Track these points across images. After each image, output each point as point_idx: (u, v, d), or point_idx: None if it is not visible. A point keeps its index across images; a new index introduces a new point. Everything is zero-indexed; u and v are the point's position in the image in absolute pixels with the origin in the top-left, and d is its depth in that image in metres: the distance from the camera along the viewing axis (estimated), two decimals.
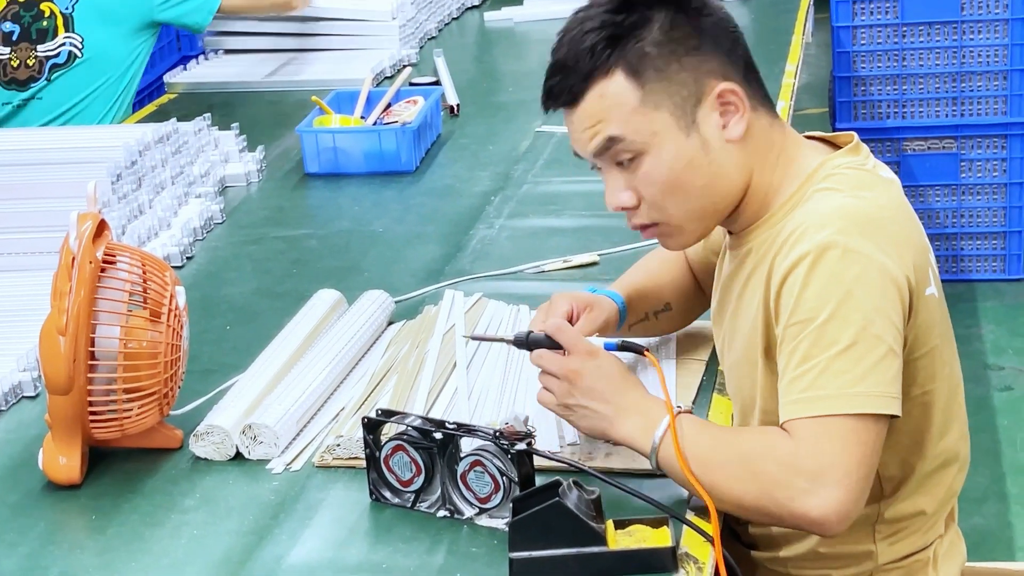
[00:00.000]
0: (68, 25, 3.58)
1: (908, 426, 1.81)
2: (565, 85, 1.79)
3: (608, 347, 1.88)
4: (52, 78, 3.59)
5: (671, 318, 2.13)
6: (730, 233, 1.91)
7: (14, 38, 3.60)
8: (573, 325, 1.93)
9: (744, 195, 1.83)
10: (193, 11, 3.66)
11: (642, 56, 1.76)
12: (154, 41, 3.75)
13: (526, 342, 1.89)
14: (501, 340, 1.98)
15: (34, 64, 3.58)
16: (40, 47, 3.58)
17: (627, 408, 1.77)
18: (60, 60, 3.59)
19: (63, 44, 3.58)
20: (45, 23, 3.59)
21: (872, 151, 1.90)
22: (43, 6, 3.60)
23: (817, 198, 1.78)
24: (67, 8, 3.62)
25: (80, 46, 3.58)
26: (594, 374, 1.80)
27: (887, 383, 1.68)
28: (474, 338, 2.09)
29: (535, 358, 1.85)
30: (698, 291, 2.12)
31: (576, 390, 1.79)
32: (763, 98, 1.85)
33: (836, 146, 1.88)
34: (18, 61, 3.58)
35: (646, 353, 1.86)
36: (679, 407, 1.77)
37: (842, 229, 1.71)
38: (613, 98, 1.77)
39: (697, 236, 1.87)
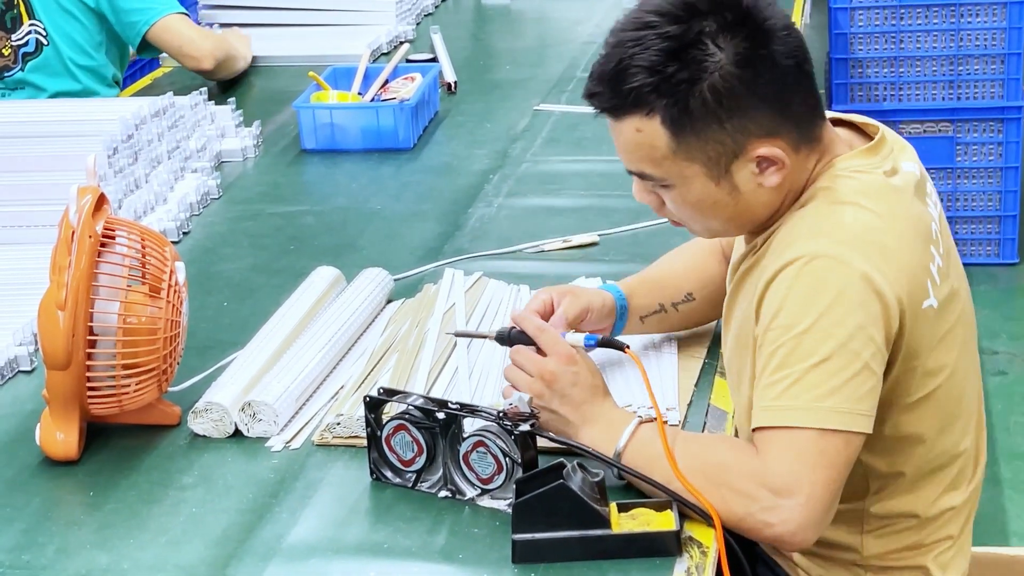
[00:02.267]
0: (31, 12, 3.54)
1: (903, 431, 1.79)
2: (606, 101, 1.74)
3: (589, 341, 1.84)
4: (26, 67, 3.56)
5: (696, 309, 2.08)
6: None
7: None
8: (552, 314, 1.92)
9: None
10: (128, 26, 3.56)
11: (684, 112, 1.69)
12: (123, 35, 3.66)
13: (508, 339, 1.87)
14: (484, 337, 1.96)
15: (9, 53, 3.54)
16: (13, 36, 3.54)
17: (593, 418, 1.77)
18: (30, 48, 3.55)
19: (30, 32, 3.54)
20: (15, 11, 3.54)
21: None
22: None
23: (818, 200, 1.75)
24: None
25: (44, 33, 3.53)
26: (569, 380, 1.78)
27: (857, 399, 1.66)
28: (458, 335, 2.06)
29: (513, 352, 1.83)
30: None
31: (549, 393, 1.78)
32: (808, 132, 1.76)
33: (866, 135, 1.84)
34: None
35: (627, 351, 1.82)
36: (641, 413, 1.75)
37: (835, 240, 1.69)
38: (648, 138, 1.72)
39: (721, 237, 1.91)
